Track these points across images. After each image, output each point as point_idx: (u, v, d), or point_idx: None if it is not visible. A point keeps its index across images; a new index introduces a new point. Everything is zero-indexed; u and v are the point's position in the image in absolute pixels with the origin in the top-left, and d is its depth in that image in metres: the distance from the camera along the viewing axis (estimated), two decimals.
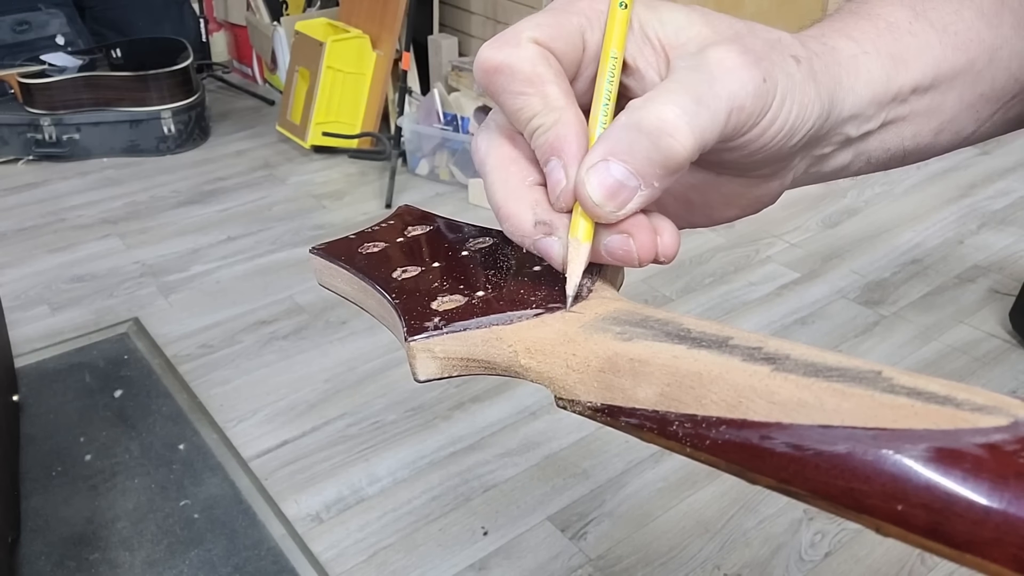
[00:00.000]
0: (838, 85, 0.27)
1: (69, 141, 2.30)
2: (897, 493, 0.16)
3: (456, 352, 0.26)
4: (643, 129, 0.23)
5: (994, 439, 0.16)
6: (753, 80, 0.24)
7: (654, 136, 0.23)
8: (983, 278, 1.78)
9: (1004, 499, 0.15)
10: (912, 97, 0.30)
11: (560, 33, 0.25)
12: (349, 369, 1.51)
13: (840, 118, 0.28)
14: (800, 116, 0.26)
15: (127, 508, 1.23)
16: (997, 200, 2.08)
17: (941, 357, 1.55)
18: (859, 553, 1.17)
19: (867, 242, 1.92)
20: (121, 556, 1.16)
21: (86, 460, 1.32)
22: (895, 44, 0.29)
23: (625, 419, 0.22)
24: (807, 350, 0.20)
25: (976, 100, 0.32)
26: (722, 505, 1.24)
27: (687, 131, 0.23)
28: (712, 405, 0.20)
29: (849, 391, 0.18)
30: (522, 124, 0.26)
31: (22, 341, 1.59)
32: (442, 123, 2.15)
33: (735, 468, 0.19)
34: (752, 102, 0.24)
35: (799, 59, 0.26)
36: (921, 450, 0.16)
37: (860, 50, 0.29)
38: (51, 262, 1.87)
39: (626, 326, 0.24)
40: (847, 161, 0.31)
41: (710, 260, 1.85)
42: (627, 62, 0.26)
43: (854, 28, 0.30)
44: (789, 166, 0.29)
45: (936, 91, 0.30)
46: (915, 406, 0.17)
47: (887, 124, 0.30)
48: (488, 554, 1.16)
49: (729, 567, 1.15)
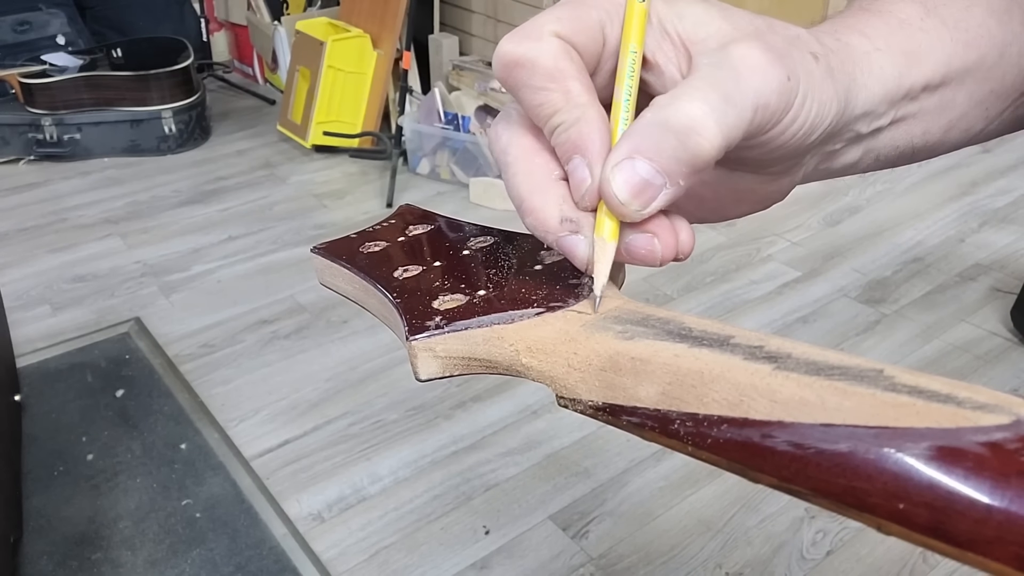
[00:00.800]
0: (853, 82, 0.27)
1: (70, 141, 2.30)
2: (899, 492, 0.16)
3: (457, 351, 0.26)
4: (671, 127, 0.23)
5: (996, 437, 0.16)
6: (778, 78, 0.23)
7: (682, 134, 0.22)
8: (984, 276, 1.77)
9: (1006, 497, 0.15)
10: (923, 94, 0.30)
11: (581, 27, 0.25)
12: (350, 368, 1.51)
13: (853, 115, 0.28)
14: (820, 114, 0.25)
15: (129, 508, 1.23)
16: (998, 198, 2.08)
17: (942, 355, 1.54)
18: (861, 552, 1.17)
19: (868, 240, 1.92)
20: (123, 556, 1.16)
21: (88, 460, 1.32)
22: (907, 41, 0.29)
23: (627, 418, 0.22)
24: (808, 349, 0.20)
25: (986, 97, 0.32)
26: (723, 504, 1.24)
27: (715, 129, 0.22)
28: (714, 404, 0.20)
29: (851, 390, 0.18)
30: (543, 120, 0.25)
31: (24, 341, 1.59)
32: (443, 122, 2.15)
33: (737, 467, 0.19)
34: (777, 100, 0.24)
35: (817, 56, 0.26)
36: (923, 448, 0.16)
37: (873, 47, 0.29)
38: (52, 262, 1.87)
39: (627, 325, 0.24)
40: (856, 158, 0.30)
41: (711, 258, 1.85)
42: (646, 57, 0.26)
43: (866, 24, 0.29)
44: (802, 162, 0.29)
45: (947, 88, 0.30)
46: (917, 404, 0.17)
47: (897, 121, 0.30)
48: (490, 553, 1.17)
49: (731, 566, 1.15)
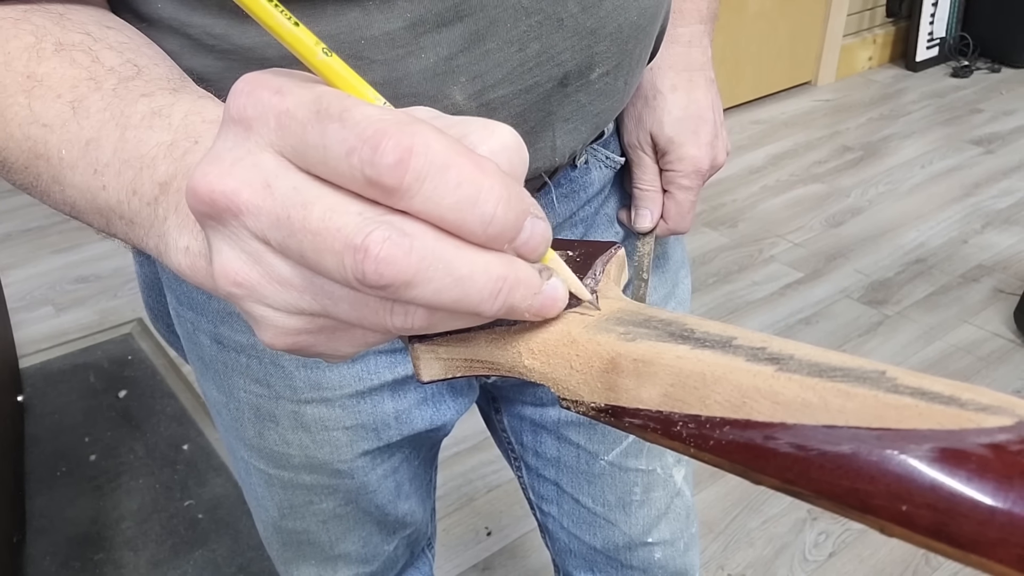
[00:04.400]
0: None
1: None
2: (902, 493, 0.16)
3: (460, 353, 0.26)
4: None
5: (999, 439, 0.16)
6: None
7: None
8: (987, 278, 1.77)
9: (1009, 499, 0.15)
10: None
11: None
12: None
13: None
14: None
15: (131, 508, 1.24)
16: (1001, 199, 2.08)
17: (945, 357, 1.54)
18: (863, 553, 1.17)
19: (871, 242, 1.92)
20: (126, 556, 1.16)
21: (91, 460, 1.32)
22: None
23: (629, 420, 0.22)
24: (811, 350, 0.20)
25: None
26: (726, 505, 1.24)
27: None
28: (716, 405, 0.20)
29: (853, 391, 0.18)
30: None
31: (27, 342, 1.59)
32: None
33: (739, 468, 0.19)
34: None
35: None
36: (926, 450, 0.16)
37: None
38: (56, 263, 1.87)
39: (629, 326, 0.24)
40: None
41: (713, 260, 1.85)
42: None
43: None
44: None
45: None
46: (919, 406, 0.17)
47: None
48: (492, 554, 1.16)
49: (733, 567, 1.15)
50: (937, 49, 2.89)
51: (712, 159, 0.53)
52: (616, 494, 0.62)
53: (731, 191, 2.14)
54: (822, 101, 2.67)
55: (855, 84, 2.79)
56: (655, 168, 0.53)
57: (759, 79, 2.62)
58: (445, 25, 0.35)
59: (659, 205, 0.53)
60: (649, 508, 0.63)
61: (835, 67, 2.79)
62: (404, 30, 0.35)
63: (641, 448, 0.61)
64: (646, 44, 0.44)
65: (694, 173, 0.53)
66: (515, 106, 0.39)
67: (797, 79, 2.74)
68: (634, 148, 0.53)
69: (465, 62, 0.36)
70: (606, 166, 0.52)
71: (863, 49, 2.87)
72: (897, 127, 2.48)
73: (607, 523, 0.63)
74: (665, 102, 0.51)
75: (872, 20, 2.86)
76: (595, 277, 0.27)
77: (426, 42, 0.35)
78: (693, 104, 0.52)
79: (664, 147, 0.52)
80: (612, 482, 0.61)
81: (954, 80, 2.80)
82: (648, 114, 0.51)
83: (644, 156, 0.53)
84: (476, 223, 0.19)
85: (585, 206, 0.51)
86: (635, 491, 0.62)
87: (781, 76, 2.69)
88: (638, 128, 0.52)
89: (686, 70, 0.52)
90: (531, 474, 0.66)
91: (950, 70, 2.85)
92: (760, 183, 2.18)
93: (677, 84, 0.51)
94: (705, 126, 0.52)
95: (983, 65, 2.86)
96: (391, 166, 0.18)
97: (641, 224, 0.54)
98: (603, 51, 0.40)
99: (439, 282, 0.19)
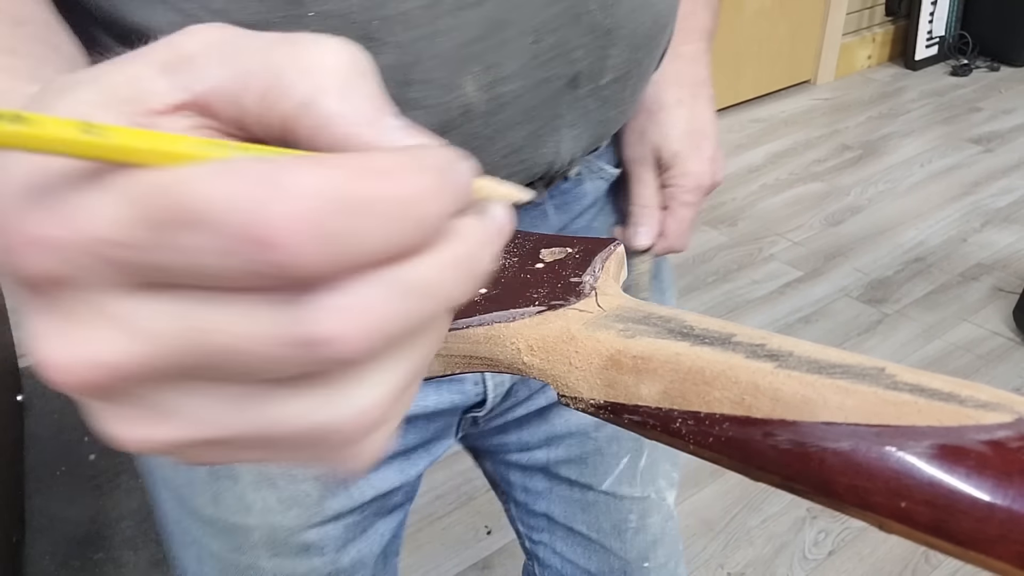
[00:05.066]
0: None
1: None
2: (901, 490, 0.16)
3: (459, 350, 0.26)
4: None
5: (998, 436, 0.16)
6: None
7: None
8: (987, 276, 1.77)
9: (1008, 496, 0.15)
10: None
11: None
12: None
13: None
14: None
15: (131, 507, 1.24)
16: (1000, 198, 2.08)
17: (945, 355, 1.54)
18: (863, 551, 1.17)
19: (870, 240, 1.92)
20: (126, 555, 1.16)
21: (90, 459, 1.32)
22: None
23: (628, 416, 0.22)
24: (810, 347, 0.20)
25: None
26: (725, 503, 1.24)
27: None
28: (716, 402, 0.20)
29: (852, 388, 0.18)
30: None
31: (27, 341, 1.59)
32: None
33: (739, 465, 0.19)
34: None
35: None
36: (925, 447, 0.16)
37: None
38: None
39: (629, 323, 0.24)
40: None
41: (713, 258, 1.85)
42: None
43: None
44: None
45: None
46: (919, 403, 0.17)
47: None
48: (492, 553, 1.16)
49: (732, 566, 1.15)
50: (936, 48, 2.89)
51: (713, 175, 0.52)
52: (611, 522, 0.61)
53: (731, 190, 2.14)
54: (821, 100, 2.67)
55: (854, 83, 2.79)
56: (656, 184, 0.52)
57: (758, 78, 2.62)
58: (466, 7, 0.34)
59: (658, 222, 0.52)
60: (645, 534, 0.63)
61: (834, 66, 2.79)
62: (422, 9, 0.33)
63: (634, 474, 0.60)
64: (654, 56, 0.44)
65: (696, 188, 0.52)
66: (525, 102, 0.38)
67: (796, 78, 2.74)
68: (635, 163, 0.52)
69: (481, 49, 0.35)
70: (600, 178, 0.51)
71: (862, 48, 2.87)
72: (896, 126, 2.48)
73: (603, 549, 0.62)
74: (670, 116, 0.50)
75: (871, 19, 2.86)
76: (594, 273, 0.27)
77: (444, 24, 0.33)
78: (697, 119, 0.51)
79: (668, 161, 0.51)
80: (607, 510, 0.61)
81: (953, 79, 2.80)
82: (653, 128, 0.50)
83: (645, 171, 0.51)
84: (416, 235, 0.14)
85: (578, 218, 0.50)
86: (630, 518, 0.61)
87: (780, 75, 2.69)
88: (640, 142, 0.51)
89: (690, 85, 0.51)
90: (520, 509, 0.64)
91: (949, 69, 2.85)
92: (759, 182, 2.18)
93: (682, 99, 0.51)
94: (707, 142, 0.51)
95: (982, 64, 2.86)
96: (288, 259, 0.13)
97: (639, 241, 0.52)
98: (615, 55, 0.40)
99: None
